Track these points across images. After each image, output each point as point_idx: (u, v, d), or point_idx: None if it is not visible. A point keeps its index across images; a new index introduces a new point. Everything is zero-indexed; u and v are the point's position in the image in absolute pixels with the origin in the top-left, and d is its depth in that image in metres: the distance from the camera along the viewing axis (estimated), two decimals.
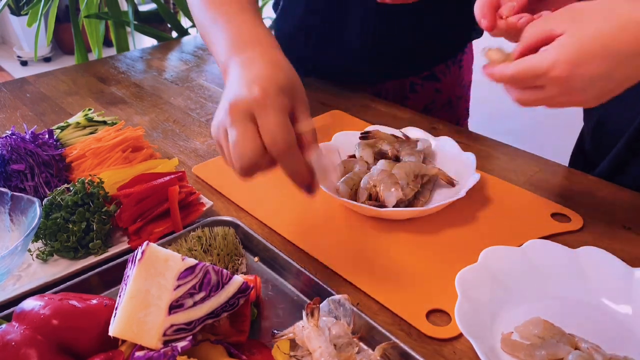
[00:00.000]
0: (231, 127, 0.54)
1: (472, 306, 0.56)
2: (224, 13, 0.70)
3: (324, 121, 0.98)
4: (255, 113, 0.54)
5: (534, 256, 0.62)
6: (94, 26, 2.00)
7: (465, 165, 0.77)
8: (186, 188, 0.72)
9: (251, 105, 0.54)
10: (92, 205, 0.67)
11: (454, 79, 1.14)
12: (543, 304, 0.58)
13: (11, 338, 0.46)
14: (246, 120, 0.54)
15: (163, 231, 0.68)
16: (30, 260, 0.66)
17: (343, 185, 0.74)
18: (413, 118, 1.01)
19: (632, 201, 0.76)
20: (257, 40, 0.64)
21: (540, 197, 0.76)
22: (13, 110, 1.09)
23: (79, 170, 0.78)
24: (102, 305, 0.50)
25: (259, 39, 0.65)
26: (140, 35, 2.27)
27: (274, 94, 0.55)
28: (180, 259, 0.48)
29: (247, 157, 0.53)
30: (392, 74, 1.11)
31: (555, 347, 0.51)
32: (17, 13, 3.77)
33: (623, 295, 0.58)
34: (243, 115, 0.54)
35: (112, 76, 1.26)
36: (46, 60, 4.02)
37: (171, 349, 0.45)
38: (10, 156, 0.75)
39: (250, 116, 0.54)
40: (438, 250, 0.67)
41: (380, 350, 0.50)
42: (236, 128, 0.54)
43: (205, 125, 1.01)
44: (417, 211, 0.70)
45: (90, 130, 0.87)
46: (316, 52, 1.10)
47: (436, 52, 1.09)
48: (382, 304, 0.59)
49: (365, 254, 0.67)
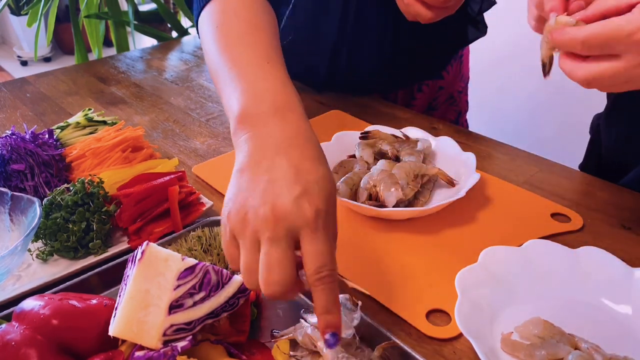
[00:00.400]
0: (270, 245, 0.45)
1: (472, 306, 0.56)
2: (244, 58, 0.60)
3: (324, 121, 0.98)
4: (302, 236, 0.45)
5: (534, 256, 0.62)
6: (94, 26, 2.00)
7: (465, 165, 0.77)
8: (186, 188, 0.72)
9: (299, 227, 0.45)
10: (92, 205, 0.67)
11: (456, 74, 1.16)
12: (543, 304, 0.58)
13: (11, 338, 0.46)
14: (290, 243, 0.45)
15: (163, 231, 0.68)
16: (30, 260, 0.66)
17: (343, 185, 0.74)
18: (413, 118, 1.01)
19: (632, 201, 0.76)
20: (288, 109, 0.54)
21: (540, 197, 0.76)
22: (13, 110, 1.09)
23: (79, 170, 0.78)
24: (102, 305, 0.50)
25: (291, 106, 0.54)
26: (140, 35, 2.27)
27: (325, 215, 0.46)
28: (180, 259, 0.48)
29: (281, 286, 0.45)
30: (405, 83, 1.13)
31: (555, 347, 0.51)
32: (17, 13, 3.77)
33: (623, 295, 0.58)
34: (287, 237, 0.45)
35: (112, 76, 1.26)
36: (46, 60, 4.02)
37: (171, 349, 0.45)
38: (10, 156, 0.75)
39: (294, 238, 0.45)
40: (438, 250, 0.67)
41: (380, 350, 0.50)
42: (277, 250, 0.45)
43: (205, 125, 1.01)
44: (417, 211, 0.70)
45: (90, 130, 0.87)
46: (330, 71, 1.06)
47: (446, 56, 1.10)
48: (382, 304, 0.59)
49: (365, 254, 0.67)
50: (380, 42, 1.00)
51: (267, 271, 0.45)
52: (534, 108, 2.08)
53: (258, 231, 0.45)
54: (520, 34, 1.92)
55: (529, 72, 2.02)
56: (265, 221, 0.45)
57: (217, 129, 1.00)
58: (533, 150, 0.89)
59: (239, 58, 0.60)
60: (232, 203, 0.48)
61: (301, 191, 0.46)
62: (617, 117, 0.86)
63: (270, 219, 0.45)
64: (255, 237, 0.46)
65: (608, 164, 0.89)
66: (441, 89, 1.15)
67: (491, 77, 2.07)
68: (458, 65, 1.15)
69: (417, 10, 0.77)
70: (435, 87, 1.14)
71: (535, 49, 0.59)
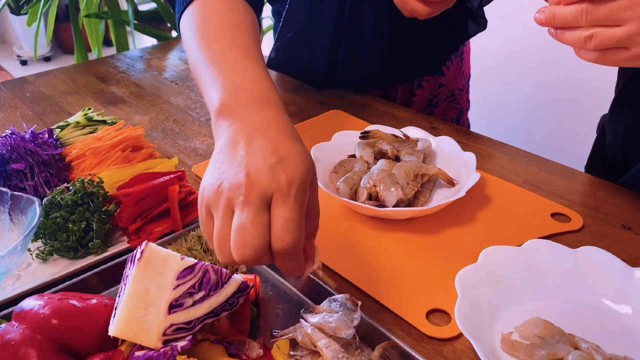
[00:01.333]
0: (242, 209, 0.45)
1: (472, 306, 0.56)
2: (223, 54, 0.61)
3: (324, 121, 0.98)
4: (273, 201, 0.46)
5: (534, 256, 0.62)
6: (93, 26, 2.00)
7: (465, 165, 0.77)
8: (186, 188, 0.72)
9: (272, 192, 0.46)
10: (92, 204, 0.67)
11: (457, 71, 1.16)
12: (543, 304, 0.58)
13: (11, 337, 0.46)
14: (262, 206, 0.46)
15: (163, 231, 0.68)
16: (30, 259, 0.66)
17: (343, 185, 0.74)
18: (413, 118, 1.01)
19: (632, 201, 0.76)
20: (267, 101, 0.55)
21: (540, 197, 0.76)
22: (13, 109, 1.08)
23: (79, 169, 0.78)
24: (102, 305, 0.50)
25: (269, 98, 0.56)
26: (140, 35, 2.27)
27: (299, 184, 0.47)
28: (180, 259, 0.48)
29: (254, 249, 0.45)
30: (405, 79, 1.12)
31: (555, 347, 0.51)
32: (17, 12, 3.77)
33: (623, 295, 0.58)
34: (260, 200, 0.45)
35: (112, 76, 1.26)
36: (46, 60, 4.02)
37: (171, 348, 0.45)
38: (10, 155, 0.75)
39: (267, 203, 0.46)
40: (438, 250, 0.67)
41: (380, 350, 0.50)
42: (249, 213, 0.45)
43: (205, 124, 1.01)
44: (417, 211, 0.70)
45: (90, 129, 0.87)
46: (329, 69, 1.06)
47: (446, 51, 1.10)
48: (382, 303, 0.59)
49: (365, 254, 0.67)
50: (377, 37, 1.00)
51: (239, 234, 0.45)
52: (534, 108, 2.08)
53: (232, 198, 0.46)
54: (522, 35, 1.92)
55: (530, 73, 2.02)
56: (238, 187, 0.46)
57: None
58: (533, 150, 0.89)
59: (219, 54, 0.62)
60: (208, 181, 0.49)
61: (277, 160, 0.48)
62: (621, 111, 0.86)
63: (244, 184, 0.46)
64: (229, 204, 0.46)
65: (612, 163, 0.89)
66: (442, 85, 1.15)
67: (493, 78, 2.07)
68: (459, 62, 1.15)
69: (413, 6, 0.77)
70: (436, 83, 1.14)
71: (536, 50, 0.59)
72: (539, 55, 1.90)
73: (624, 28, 0.50)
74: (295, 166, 0.48)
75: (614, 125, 0.87)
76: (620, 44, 0.51)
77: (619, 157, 0.87)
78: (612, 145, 0.89)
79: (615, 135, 0.87)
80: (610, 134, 0.89)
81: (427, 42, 1.04)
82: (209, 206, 0.48)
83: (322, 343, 0.49)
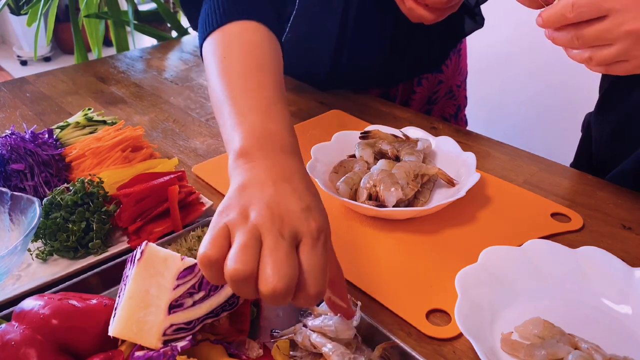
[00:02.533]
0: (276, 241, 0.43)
1: (472, 306, 0.56)
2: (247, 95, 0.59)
3: (324, 121, 0.98)
4: (302, 245, 0.45)
5: (534, 256, 0.62)
6: (93, 26, 2.00)
7: (465, 165, 0.77)
8: (186, 188, 0.72)
9: (302, 234, 0.45)
10: (92, 204, 0.67)
11: (455, 68, 1.17)
12: (543, 304, 0.58)
13: (11, 338, 0.46)
14: (294, 245, 0.44)
15: (163, 231, 0.68)
16: (30, 259, 0.66)
17: (343, 185, 0.74)
18: (413, 118, 1.01)
19: (632, 201, 0.76)
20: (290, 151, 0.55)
21: (540, 197, 0.76)
22: (13, 109, 1.08)
23: (79, 169, 0.78)
24: (102, 305, 0.50)
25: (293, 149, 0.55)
26: (140, 35, 2.27)
27: (325, 235, 0.47)
28: (180, 259, 0.48)
29: (292, 280, 0.42)
30: (406, 78, 1.13)
31: (555, 347, 0.51)
32: (17, 12, 3.77)
33: (623, 295, 0.58)
34: (292, 237, 0.44)
35: (111, 76, 1.26)
36: (46, 60, 4.02)
37: (171, 348, 0.45)
38: (10, 156, 0.75)
39: (296, 244, 0.45)
40: (438, 250, 0.67)
41: (380, 350, 0.50)
42: (284, 246, 0.43)
43: (205, 125, 1.01)
44: (417, 211, 0.70)
45: (89, 129, 0.87)
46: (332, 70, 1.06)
47: (445, 49, 1.11)
48: (382, 304, 0.59)
49: (365, 254, 0.67)
50: (381, 39, 1.01)
51: (276, 264, 0.42)
52: (534, 108, 2.08)
53: (262, 226, 0.44)
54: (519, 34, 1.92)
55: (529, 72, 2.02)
56: (271, 218, 0.45)
57: (217, 128, 0.99)
58: (533, 150, 0.89)
59: (243, 96, 0.60)
60: (232, 200, 0.47)
61: (306, 207, 0.47)
62: (608, 109, 0.86)
63: (277, 217, 0.45)
64: (256, 230, 0.44)
65: (599, 160, 0.90)
66: (440, 82, 1.16)
67: (493, 76, 2.07)
68: (457, 59, 1.16)
69: (420, 13, 0.78)
70: (435, 81, 1.15)
71: (534, 48, 0.60)
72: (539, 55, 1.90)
73: (615, 47, 0.53)
74: (320, 217, 0.47)
75: (601, 123, 0.88)
76: (619, 59, 0.54)
77: (606, 155, 0.88)
78: (599, 142, 0.89)
79: (602, 132, 0.88)
80: (597, 132, 0.89)
81: (427, 41, 1.05)
82: (229, 223, 0.45)
83: (327, 348, 0.49)
